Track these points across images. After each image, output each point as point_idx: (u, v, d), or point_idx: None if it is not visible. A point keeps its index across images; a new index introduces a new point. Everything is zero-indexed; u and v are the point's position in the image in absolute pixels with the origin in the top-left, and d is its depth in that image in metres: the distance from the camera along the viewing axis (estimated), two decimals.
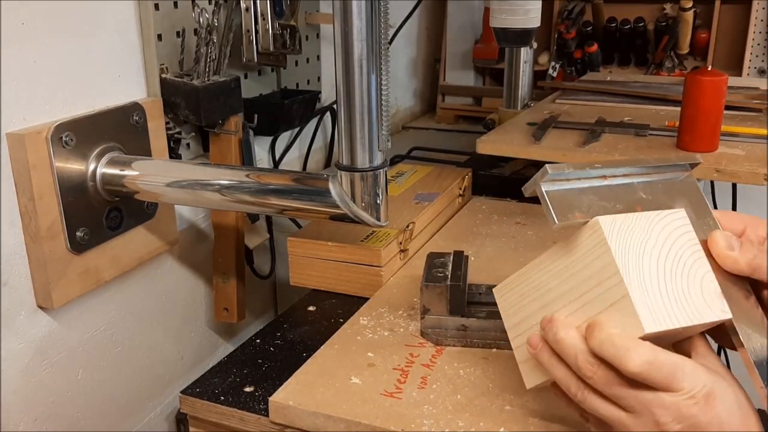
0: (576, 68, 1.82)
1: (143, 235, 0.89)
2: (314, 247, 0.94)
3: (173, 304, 1.02)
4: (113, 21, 0.84)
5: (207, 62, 0.90)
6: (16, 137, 0.72)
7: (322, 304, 0.93)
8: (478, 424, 0.64)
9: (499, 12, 1.22)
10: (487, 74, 1.93)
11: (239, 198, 0.76)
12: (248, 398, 0.74)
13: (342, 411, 0.66)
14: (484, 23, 1.85)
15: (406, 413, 0.66)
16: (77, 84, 0.80)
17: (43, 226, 0.74)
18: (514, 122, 1.27)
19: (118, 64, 0.86)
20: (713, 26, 1.72)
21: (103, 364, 0.89)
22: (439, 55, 1.89)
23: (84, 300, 0.84)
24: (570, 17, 1.81)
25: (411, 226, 0.98)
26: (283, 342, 0.85)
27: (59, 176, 0.75)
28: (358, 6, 0.67)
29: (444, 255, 0.82)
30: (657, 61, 1.79)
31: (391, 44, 1.52)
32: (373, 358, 0.75)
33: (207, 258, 1.05)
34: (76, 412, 0.86)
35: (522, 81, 1.45)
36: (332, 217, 0.74)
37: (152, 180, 0.79)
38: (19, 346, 0.77)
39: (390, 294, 0.89)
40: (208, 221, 1.05)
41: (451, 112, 1.85)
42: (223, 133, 0.96)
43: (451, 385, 0.70)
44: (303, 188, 0.74)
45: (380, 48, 0.71)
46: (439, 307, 0.76)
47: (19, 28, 0.72)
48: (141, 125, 0.86)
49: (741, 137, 1.09)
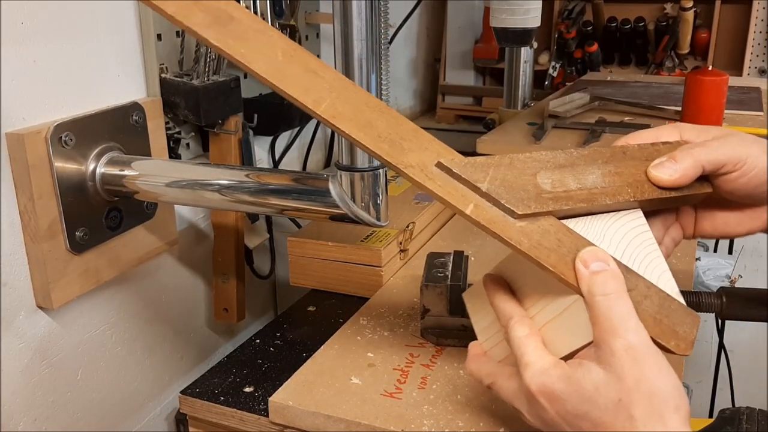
0: (576, 68, 1.82)
1: (143, 235, 0.89)
2: (314, 248, 0.94)
3: (173, 305, 1.02)
4: (113, 21, 0.84)
5: (207, 62, 0.90)
6: (15, 137, 0.72)
7: (322, 304, 0.93)
8: (478, 424, 0.64)
9: (499, 12, 1.22)
10: (487, 74, 1.94)
11: (239, 198, 0.75)
12: (248, 398, 0.74)
13: (342, 411, 0.66)
14: (484, 23, 1.86)
15: (406, 413, 0.66)
16: (77, 84, 0.80)
17: (43, 226, 0.74)
18: (514, 122, 1.27)
19: (118, 63, 0.85)
20: (713, 26, 1.72)
21: (103, 364, 0.89)
22: (439, 55, 1.89)
23: (84, 300, 0.84)
24: (570, 17, 1.81)
25: (411, 226, 0.98)
26: (283, 342, 0.85)
27: (59, 176, 0.75)
28: (358, 6, 0.67)
29: (444, 255, 0.82)
30: (657, 61, 1.79)
31: (391, 44, 1.52)
32: (373, 358, 0.75)
33: (207, 258, 1.05)
34: (76, 412, 0.86)
35: (522, 81, 1.45)
36: (332, 217, 0.74)
37: (152, 180, 0.79)
38: (19, 346, 0.77)
39: (390, 294, 0.89)
40: (207, 221, 1.05)
41: (451, 112, 1.85)
42: (223, 133, 0.96)
43: (451, 385, 0.70)
44: (303, 188, 0.74)
45: (380, 48, 0.71)
46: (439, 307, 0.76)
47: (19, 28, 0.72)
48: (141, 125, 0.86)
49: None
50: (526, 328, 0.53)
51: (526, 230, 0.50)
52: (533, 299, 0.55)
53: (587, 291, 0.50)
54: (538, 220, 0.51)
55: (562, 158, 0.54)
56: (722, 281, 1.17)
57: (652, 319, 0.51)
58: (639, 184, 0.54)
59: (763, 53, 1.67)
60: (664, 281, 0.53)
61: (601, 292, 0.49)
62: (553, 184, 0.52)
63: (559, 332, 0.53)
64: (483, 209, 0.50)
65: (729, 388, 1.64)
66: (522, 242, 0.50)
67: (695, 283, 1.06)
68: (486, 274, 0.59)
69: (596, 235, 0.53)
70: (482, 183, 0.51)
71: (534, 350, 0.52)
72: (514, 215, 0.50)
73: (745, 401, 0.72)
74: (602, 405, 0.48)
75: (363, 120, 0.50)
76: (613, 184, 0.54)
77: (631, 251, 0.53)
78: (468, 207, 0.50)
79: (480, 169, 0.51)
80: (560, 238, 0.51)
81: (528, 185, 0.52)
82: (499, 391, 0.56)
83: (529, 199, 0.51)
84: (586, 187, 0.53)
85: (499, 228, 0.50)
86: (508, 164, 0.52)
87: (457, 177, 0.51)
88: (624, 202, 0.54)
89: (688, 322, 0.53)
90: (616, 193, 0.54)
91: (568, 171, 0.53)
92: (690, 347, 0.52)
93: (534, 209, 0.51)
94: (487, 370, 0.57)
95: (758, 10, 1.66)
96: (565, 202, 0.52)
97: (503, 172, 0.51)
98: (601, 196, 0.53)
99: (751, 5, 1.67)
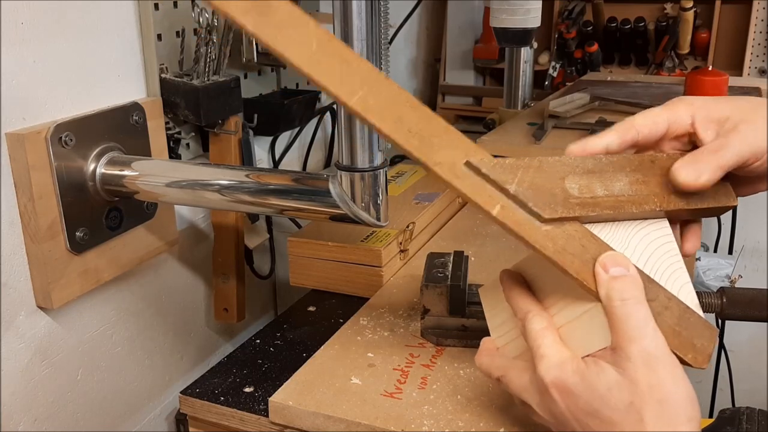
0: (576, 68, 1.82)
1: (143, 235, 0.89)
2: (314, 248, 0.94)
3: (173, 305, 1.02)
4: (113, 21, 0.84)
5: (207, 62, 0.90)
6: (15, 137, 0.72)
7: (322, 304, 0.93)
8: (478, 424, 0.64)
9: (499, 12, 1.22)
10: (487, 74, 1.94)
11: (239, 198, 0.75)
12: (248, 398, 0.74)
13: (342, 411, 0.66)
14: (484, 23, 1.86)
15: (406, 413, 0.66)
16: (77, 84, 0.80)
17: (43, 226, 0.74)
18: (514, 122, 1.27)
19: (118, 64, 0.85)
20: (714, 26, 1.72)
21: (103, 364, 0.89)
22: (439, 55, 1.89)
23: (84, 300, 0.84)
24: (570, 17, 1.81)
25: (411, 226, 0.98)
26: (283, 342, 0.85)
27: (59, 176, 0.75)
28: (358, 6, 0.67)
29: (444, 255, 0.82)
30: (657, 61, 1.79)
31: (391, 44, 1.53)
32: (373, 359, 0.75)
33: (207, 258, 1.05)
34: (76, 412, 0.86)
35: (522, 81, 1.45)
36: (332, 217, 0.74)
37: (152, 180, 0.79)
38: (19, 346, 0.77)
39: (390, 294, 0.89)
40: (207, 221, 1.05)
41: (451, 112, 1.85)
42: (223, 133, 0.96)
43: (451, 385, 0.70)
44: (303, 188, 0.74)
45: (380, 48, 0.71)
46: (440, 308, 0.76)
47: (19, 28, 0.72)
48: (141, 125, 0.86)
49: None
50: (544, 321, 0.53)
51: (551, 234, 0.50)
52: (552, 300, 0.55)
53: (605, 295, 0.49)
54: (564, 225, 0.51)
55: (591, 164, 0.54)
56: (722, 281, 1.17)
57: (672, 331, 0.51)
58: (666, 194, 0.54)
59: (763, 53, 1.67)
60: (684, 293, 0.53)
61: (620, 297, 0.49)
62: (580, 190, 0.52)
63: (577, 335, 0.52)
64: (510, 211, 0.50)
65: (729, 388, 1.64)
66: (547, 247, 0.50)
67: (695, 283, 1.06)
68: (503, 269, 0.58)
69: (620, 242, 0.53)
70: (510, 185, 0.50)
71: (552, 343, 0.51)
72: (541, 219, 0.50)
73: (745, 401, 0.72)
74: (613, 405, 0.47)
75: (394, 114, 0.50)
76: (640, 192, 0.54)
77: (654, 261, 0.53)
78: (495, 208, 0.50)
79: (509, 170, 0.51)
80: (584, 244, 0.51)
81: (556, 189, 0.51)
82: (509, 384, 0.55)
83: (556, 204, 0.51)
84: (613, 194, 0.53)
85: (525, 231, 0.50)
86: (537, 167, 0.52)
87: (485, 177, 0.50)
88: (650, 211, 0.54)
89: (706, 335, 0.53)
90: (643, 201, 0.53)
91: (596, 177, 0.53)
92: (707, 360, 0.52)
93: (561, 214, 0.51)
94: (499, 363, 0.57)
95: (758, 10, 1.66)
96: (591, 209, 0.52)
97: (532, 174, 0.51)
98: (628, 204, 0.53)
99: (751, 5, 1.67)
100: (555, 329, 0.53)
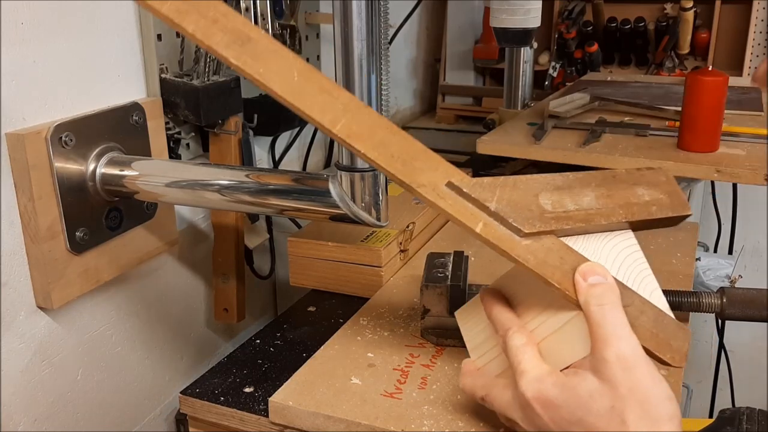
0: (576, 68, 1.82)
1: (143, 236, 0.89)
2: (314, 248, 0.94)
3: (173, 305, 1.02)
4: (113, 21, 0.84)
5: (207, 62, 0.90)
6: (15, 137, 0.72)
7: (322, 304, 0.93)
8: (478, 424, 0.64)
9: (499, 12, 1.22)
10: (487, 74, 1.93)
11: (239, 198, 0.75)
12: (248, 399, 0.74)
13: (342, 411, 0.66)
14: (484, 23, 1.85)
15: (406, 413, 0.66)
16: (77, 84, 0.80)
17: (43, 227, 0.74)
18: (514, 122, 1.27)
19: (118, 64, 0.85)
20: (714, 26, 1.72)
21: (103, 364, 0.89)
22: (439, 55, 1.89)
23: (84, 300, 0.84)
24: (570, 17, 1.81)
25: (411, 226, 0.98)
26: (283, 342, 0.85)
27: (59, 176, 0.75)
28: (358, 6, 0.67)
29: (444, 255, 0.82)
30: (657, 61, 1.79)
31: (391, 44, 1.53)
32: (373, 359, 0.75)
33: (207, 258, 1.05)
34: (76, 412, 0.86)
35: (522, 81, 1.45)
36: (332, 218, 0.74)
37: (152, 180, 0.79)
38: (19, 346, 0.77)
39: (390, 294, 0.89)
40: (207, 221, 1.05)
41: (451, 112, 1.85)
42: (223, 133, 0.96)
43: (451, 385, 0.70)
44: (303, 188, 0.74)
45: (380, 48, 0.71)
46: (439, 308, 0.76)
47: (19, 28, 0.72)
48: (141, 125, 0.86)
49: (742, 137, 1.09)
50: (524, 337, 0.55)
51: (531, 248, 0.53)
52: (532, 314, 0.56)
53: (584, 301, 0.52)
54: (542, 239, 0.53)
55: (560, 181, 0.57)
56: (722, 281, 1.17)
57: (649, 333, 0.54)
58: (629, 206, 0.57)
59: (763, 53, 1.67)
60: (656, 298, 0.56)
61: (597, 303, 0.51)
62: (553, 205, 0.55)
63: (560, 345, 0.54)
64: (492, 228, 0.53)
65: (729, 388, 1.64)
66: (528, 260, 0.52)
67: (695, 283, 1.06)
68: (483, 288, 0.61)
69: (593, 253, 0.55)
70: (491, 202, 0.53)
71: (531, 358, 0.53)
72: (521, 233, 0.53)
73: (745, 401, 0.72)
74: (595, 411, 0.49)
75: (376, 140, 0.53)
76: (606, 205, 0.57)
77: (625, 269, 0.56)
78: (478, 225, 0.53)
79: (488, 189, 0.54)
80: (563, 256, 0.53)
81: (532, 205, 0.54)
82: (493, 401, 0.57)
83: (533, 219, 0.53)
84: (583, 208, 0.56)
85: (507, 246, 0.53)
86: (512, 185, 0.55)
87: (466, 196, 0.53)
88: (617, 222, 0.56)
89: (681, 336, 0.55)
90: (610, 214, 0.56)
91: (566, 193, 0.56)
92: (684, 359, 0.55)
93: (539, 228, 0.53)
94: (482, 383, 0.59)
95: (758, 10, 1.66)
96: (565, 222, 0.54)
97: (509, 192, 0.54)
98: (597, 216, 0.56)
99: (751, 5, 1.66)
100: (535, 345, 0.54)
